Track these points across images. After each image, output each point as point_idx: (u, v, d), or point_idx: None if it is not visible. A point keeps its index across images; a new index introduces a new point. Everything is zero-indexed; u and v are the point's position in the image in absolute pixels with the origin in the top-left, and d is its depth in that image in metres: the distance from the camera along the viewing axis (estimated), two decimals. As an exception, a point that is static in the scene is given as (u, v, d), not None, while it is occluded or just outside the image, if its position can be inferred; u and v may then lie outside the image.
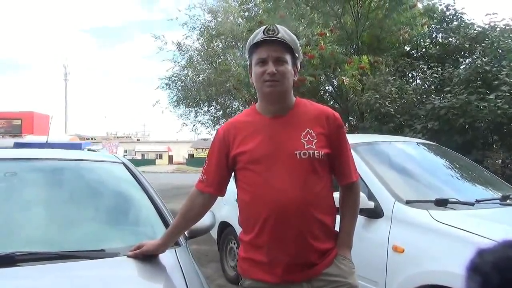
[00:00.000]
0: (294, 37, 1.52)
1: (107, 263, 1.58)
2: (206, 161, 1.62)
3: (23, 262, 1.51)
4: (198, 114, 14.52)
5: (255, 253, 1.48)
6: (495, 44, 6.35)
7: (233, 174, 1.60)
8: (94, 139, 52.04)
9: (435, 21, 8.06)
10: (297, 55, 1.53)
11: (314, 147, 1.46)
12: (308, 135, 1.48)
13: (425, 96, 6.87)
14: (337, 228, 1.58)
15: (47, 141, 3.23)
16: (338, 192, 1.63)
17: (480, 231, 2.09)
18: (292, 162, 1.45)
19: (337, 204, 1.60)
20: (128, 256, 1.62)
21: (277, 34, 1.46)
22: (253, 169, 1.48)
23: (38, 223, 1.83)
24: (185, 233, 2.00)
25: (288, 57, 1.48)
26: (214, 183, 1.58)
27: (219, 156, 1.57)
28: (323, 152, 1.47)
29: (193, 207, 1.61)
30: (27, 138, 5.30)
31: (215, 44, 13.17)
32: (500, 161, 5.50)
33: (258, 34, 1.48)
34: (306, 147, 1.46)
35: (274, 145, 1.47)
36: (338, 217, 1.60)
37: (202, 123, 14.71)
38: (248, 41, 1.53)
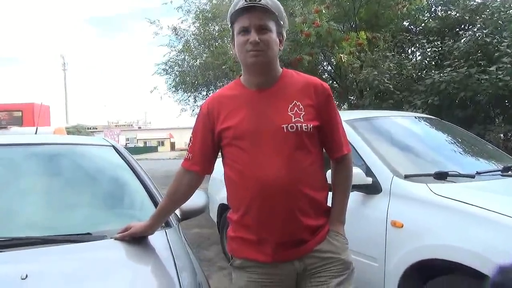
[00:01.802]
0: (278, 3, 1.43)
1: (93, 246, 1.53)
2: (191, 139, 1.55)
3: (6, 248, 1.47)
4: (197, 99, 14.42)
5: (244, 232, 1.43)
6: (495, 15, 6.19)
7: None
8: (96, 128, 52.06)
9: (434, -6, 7.87)
10: (282, 22, 1.44)
11: (302, 120, 1.39)
12: (296, 108, 1.41)
13: (424, 72, 6.75)
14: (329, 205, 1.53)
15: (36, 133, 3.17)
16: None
17: (480, 202, 2.03)
18: (279, 136, 1.37)
19: (329, 180, 1.54)
20: (115, 239, 1.57)
21: (259, 0, 1.37)
22: (239, 145, 1.41)
23: (24, 208, 1.78)
24: (178, 214, 1.96)
25: (272, 25, 1.40)
26: (200, 161, 1.52)
27: (204, 133, 1.50)
28: (311, 125, 1.39)
29: (179, 186, 1.55)
30: (13, 130, 5.14)
31: (211, 27, 12.97)
32: (502, 134, 5.42)
33: (240, 1, 1.39)
34: (293, 120, 1.38)
35: (259, 119, 1.40)
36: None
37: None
38: (230, 8, 1.44)
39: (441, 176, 2.39)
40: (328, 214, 1.49)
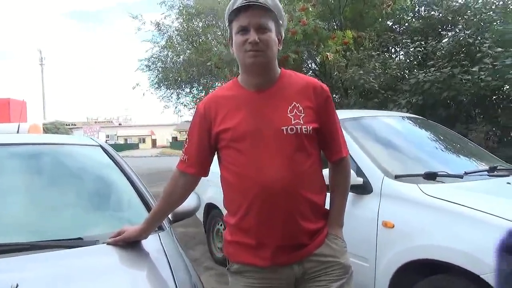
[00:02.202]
0: (277, 2, 1.40)
1: (85, 252, 1.48)
2: (187, 140, 1.51)
3: (-8, 254, 1.40)
4: (180, 96, 14.28)
5: (242, 236, 1.40)
6: (477, 16, 6.31)
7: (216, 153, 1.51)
8: (75, 125, 51.00)
9: (418, -6, 7.97)
10: (281, 22, 1.42)
11: (302, 122, 1.37)
12: (295, 109, 1.38)
13: (407, 71, 6.84)
14: (327, 206, 1.51)
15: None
16: (328, 169, 1.56)
17: (469, 203, 2.05)
18: (279, 138, 1.35)
19: (326, 181, 1.52)
20: (108, 244, 1.52)
21: None
22: (237, 147, 1.38)
23: (10, 211, 1.71)
24: (169, 216, 1.91)
25: (271, 24, 1.37)
26: (196, 163, 1.48)
27: (201, 134, 1.46)
28: (311, 127, 1.37)
29: (175, 189, 1.51)
30: None
31: (195, 23, 12.84)
32: (483, 134, 5.53)
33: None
34: (293, 122, 1.36)
35: (258, 121, 1.37)
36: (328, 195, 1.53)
37: (184, 105, 14.48)
38: (227, 7, 1.41)
39: (431, 176, 2.41)
40: (327, 217, 1.48)
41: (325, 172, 1.51)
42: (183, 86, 13.77)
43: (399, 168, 2.58)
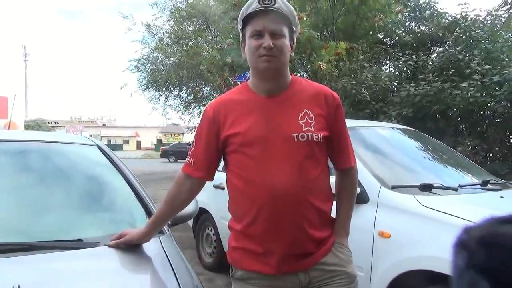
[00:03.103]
0: (292, 8, 1.40)
1: (86, 254, 1.44)
2: (194, 143, 1.49)
3: (-10, 253, 1.35)
4: (168, 98, 14.21)
5: (248, 242, 1.38)
6: (467, 34, 6.47)
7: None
8: (57, 123, 50.10)
9: (409, 9, 8.14)
10: (294, 28, 1.42)
11: (313, 130, 1.36)
12: (306, 116, 1.38)
13: (396, 84, 6.96)
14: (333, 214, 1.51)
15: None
16: (334, 177, 1.56)
17: (466, 215, 2.08)
18: (289, 145, 1.34)
19: (333, 189, 1.52)
20: (109, 246, 1.48)
21: (274, 4, 1.33)
22: (246, 152, 1.36)
23: (7, 211, 1.65)
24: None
25: (285, 30, 1.36)
26: (203, 167, 1.46)
27: (209, 137, 1.44)
28: (321, 135, 1.37)
29: (180, 192, 1.49)
30: None
31: (186, 26, 12.82)
32: (470, 147, 5.64)
33: (253, 4, 1.35)
34: (304, 129, 1.36)
35: (269, 126, 1.36)
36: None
37: (172, 108, 14.40)
38: (241, 11, 1.39)
39: (427, 188, 2.44)
40: (333, 226, 1.47)
41: (332, 180, 1.51)
42: (172, 89, 13.71)
43: (395, 178, 2.61)
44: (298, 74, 8.98)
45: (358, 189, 2.49)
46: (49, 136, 2.40)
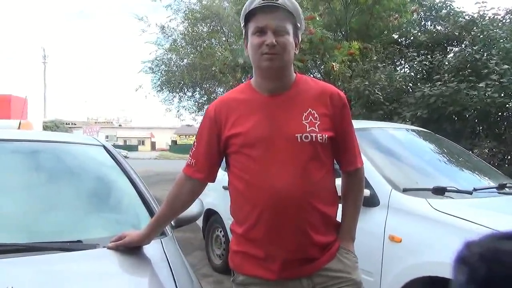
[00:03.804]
0: (296, 4, 1.35)
1: (84, 256, 1.41)
2: (195, 143, 1.45)
3: (-13, 254, 1.33)
4: (182, 100, 14.26)
5: (250, 246, 1.33)
6: (484, 33, 6.30)
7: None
8: (75, 124, 50.94)
9: (424, 8, 7.98)
10: (299, 25, 1.36)
11: (317, 130, 1.31)
12: (310, 116, 1.33)
13: (410, 84, 6.82)
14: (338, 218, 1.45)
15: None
16: (340, 179, 1.50)
17: (482, 220, 2.00)
18: (292, 146, 1.29)
19: (339, 192, 1.46)
20: (108, 248, 1.45)
21: (277, 0, 1.29)
22: (248, 154, 1.32)
23: (7, 210, 1.64)
24: (172, 222, 1.85)
25: (289, 27, 1.31)
26: (204, 168, 1.42)
27: (210, 138, 1.40)
28: (326, 136, 1.31)
29: (180, 194, 1.45)
30: None
31: (200, 27, 12.85)
32: (487, 150, 5.49)
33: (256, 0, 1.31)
34: (308, 129, 1.30)
35: (272, 126, 1.31)
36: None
37: (186, 109, 14.46)
38: (244, 7, 1.35)
39: (440, 191, 2.35)
40: (338, 230, 1.42)
41: (338, 182, 1.46)
42: (186, 90, 13.76)
43: (407, 181, 2.53)
44: (311, 75, 8.91)
45: (368, 192, 2.43)
46: (56, 136, 2.40)
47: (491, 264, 0.45)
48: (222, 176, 1.45)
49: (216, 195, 3.80)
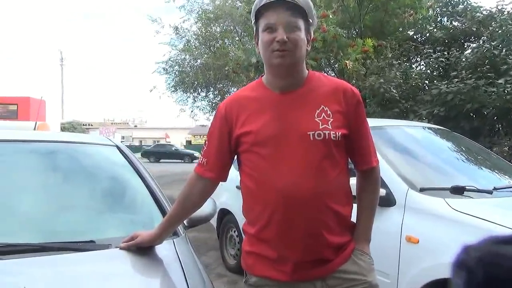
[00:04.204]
0: None
1: (97, 256, 1.41)
2: (206, 142, 1.43)
3: (2, 254, 1.34)
4: (196, 100, 14.34)
5: (262, 247, 1.31)
6: (503, 28, 6.14)
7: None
8: (91, 125, 51.76)
9: (440, 4, 7.83)
10: (311, 21, 1.33)
11: (330, 127, 1.27)
12: (323, 113, 1.29)
13: (427, 81, 6.69)
14: (353, 218, 1.41)
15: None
16: (355, 178, 1.46)
17: (503, 221, 1.93)
18: (305, 144, 1.26)
19: (353, 191, 1.43)
20: (121, 248, 1.45)
21: None
22: (259, 152, 1.29)
23: (22, 211, 1.65)
24: (184, 221, 1.83)
25: (301, 23, 1.28)
26: (215, 167, 1.40)
27: (221, 136, 1.38)
28: (340, 133, 1.28)
29: (192, 193, 1.43)
30: None
31: (213, 28, 12.90)
32: (507, 148, 5.35)
33: None
34: (320, 127, 1.27)
35: (283, 124, 1.28)
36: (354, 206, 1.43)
37: (200, 109, 14.53)
38: (255, 3, 1.32)
39: (458, 190, 2.29)
40: (353, 231, 1.38)
41: (352, 181, 1.42)
42: (199, 90, 13.83)
43: (424, 180, 2.47)
44: (325, 74, 8.83)
45: (384, 191, 2.38)
46: (70, 136, 2.42)
47: (489, 268, 0.45)
48: (236, 175, 1.43)
49: (229, 195, 3.79)
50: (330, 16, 6.58)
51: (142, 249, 1.46)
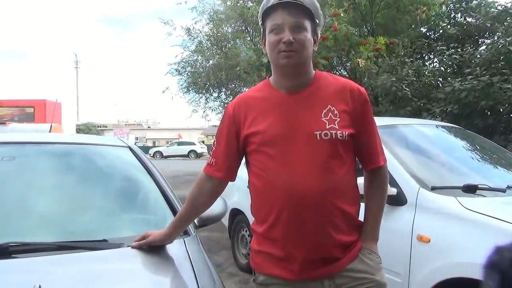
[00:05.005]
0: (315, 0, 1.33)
1: (109, 255, 1.44)
2: (215, 142, 1.45)
3: (18, 253, 1.39)
4: (208, 100, 14.39)
5: (270, 246, 1.32)
6: (518, 23, 6.03)
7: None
8: (106, 127, 52.46)
9: (454, 0, 7.72)
10: (317, 21, 1.34)
11: (337, 127, 1.28)
12: (330, 113, 1.30)
13: (440, 79, 6.61)
14: (361, 217, 1.42)
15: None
16: (363, 178, 1.46)
17: (515, 219, 1.91)
18: (312, 144, 1.27)
19: (361, 191, 1.43)
20: (132, 247, 1.48)
21: None
22: (267, 152, 1.31)
23: (36, 211, 1.70)
24: (195, 221, 1.86)
25: (307, 24, 1.29)
26: (224, 167, 1.42)
27: (229, 137, 1.40)
28: (346, 133, 1.29)
29: (201, 193, 1.46)
30: (11, 127, 4.69)
31: (224, 28, 12.94)
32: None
33: None
34: (327, 126, 1.28)
35: (290, 124, 1.30)
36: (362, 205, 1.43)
37: (212, 110, 14.58)
38: (262, 4, 1.34)
39: (470, 189, 2.26)
40: (360, 230, 1.39)
41: (360, 180, 1.42)
42: (212, 91, 13.88)
43: (435, 179, 2.45)
44: (337, 73, 8.80)
45: (395, 190, 2.37)
46: (83, 138, 2.47)
47: None
48: (247, 175, 1.45)
49: (241, 195, 3.80)
50: (342, 15, 6.54)
51: (153, 248, 1.49)
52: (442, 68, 7.01)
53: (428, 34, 7.93)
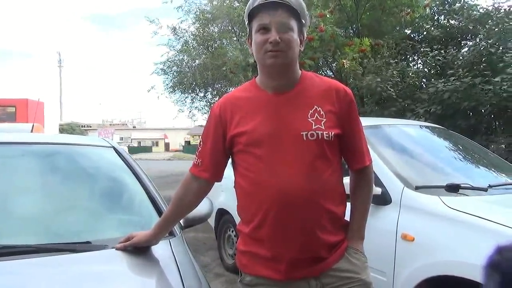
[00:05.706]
0: (301, 0, 1.34)
1: (93, 257, 1.42)
2: (201, 143, 1.45)
3: (-2, 256, 1.35)
4: (194, 100, 14.30)
5: (256, 246, 1.32)
6: (500, 26, 6.15)
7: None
8: (90, 126, 51.74)
9: (437, 2, 7.84)
10: (303, 21, 1.34)
11: (323, 127, 1.29)
12: (316, 114, 1.31)
13: (424, 80, 6.71)
14: (347, 217, 1.43)
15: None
16: (348, 177, 1.47)
17: (498, 218, 1.94)
18: (298, 144, 1.27)
19: (347, 191, 1.44)
20: (117, 249, 1.46)
21: None
22: (253, 152, 1.30)
23: (18, 213, 1.66)
24: (181, 222, 1.85)
25: (293, 24, 1.29)
26: (210, 167, 1.41)
27: (215, 137, 1.39)
28: (333, 133, 1.29)
29: (187, 194, 1.45)
30: None
31: (211, 28, 12.89)
32: (504, 145, 5.37)
33: None
34: (313, 127, 1.28)
35: (277, 125, 1.30)
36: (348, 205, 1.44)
37: (198, 109, 14.51)
38: (248, 4, 1.34)
39: (453, 188, 2.30)
40: (346, 229, 1.39)
41: (346, 181, 1.43)
42: (198, 91, 13.80)
43: (419, 178, 2.48)
44: (322, 73, 8.84)
45: (380, 190, 2.39)
46: (66, 138, 2.43)
47: None
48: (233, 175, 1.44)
49: (227, 195, 3.80)
50: (328, 16, 6.58)
51: (138, 250, 1.47)
52: (426, 69, 7.11)
53: (412, 35, 8.03)
